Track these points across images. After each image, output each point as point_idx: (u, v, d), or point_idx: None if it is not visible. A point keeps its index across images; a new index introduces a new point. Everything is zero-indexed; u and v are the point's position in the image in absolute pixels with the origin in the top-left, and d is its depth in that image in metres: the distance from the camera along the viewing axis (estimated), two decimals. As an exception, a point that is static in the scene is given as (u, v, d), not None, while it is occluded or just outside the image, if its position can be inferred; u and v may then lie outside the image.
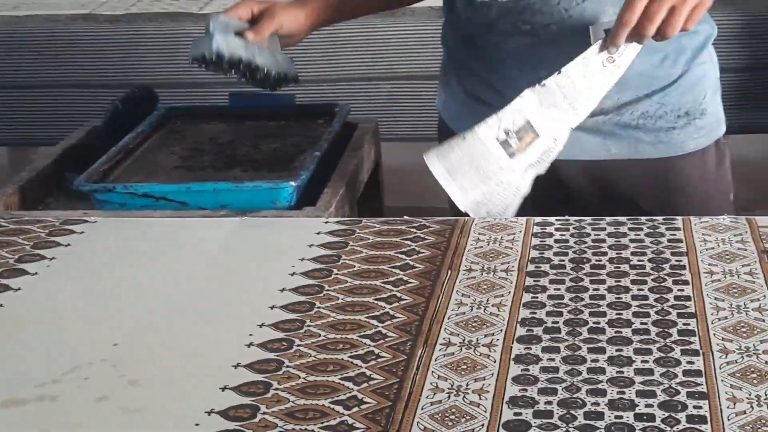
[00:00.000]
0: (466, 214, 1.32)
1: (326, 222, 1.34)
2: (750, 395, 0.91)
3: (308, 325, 1.07)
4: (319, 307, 1.10)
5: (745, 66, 2.41)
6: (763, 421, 0.87)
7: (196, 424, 0.91)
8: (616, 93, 1.39)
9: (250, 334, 1.05)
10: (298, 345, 1.03)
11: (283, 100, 1.83)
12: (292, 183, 1.46)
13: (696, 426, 0.87)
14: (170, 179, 1.57)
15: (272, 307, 1.11)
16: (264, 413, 0.92)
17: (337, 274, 1.18)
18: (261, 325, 1.07)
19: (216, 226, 1.35)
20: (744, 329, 1.01)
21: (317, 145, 1.61)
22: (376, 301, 1.11)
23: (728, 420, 0.88)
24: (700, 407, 0.90)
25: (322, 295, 1.13)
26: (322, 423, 0.90)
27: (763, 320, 1.03)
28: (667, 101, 1.44)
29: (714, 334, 1.01)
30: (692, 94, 1.45)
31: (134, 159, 1.66)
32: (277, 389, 0.96)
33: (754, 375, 0.94)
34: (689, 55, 1.45)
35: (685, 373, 0.95)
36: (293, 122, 1.80)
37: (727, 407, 0.89)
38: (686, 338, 1.00)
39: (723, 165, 1.50)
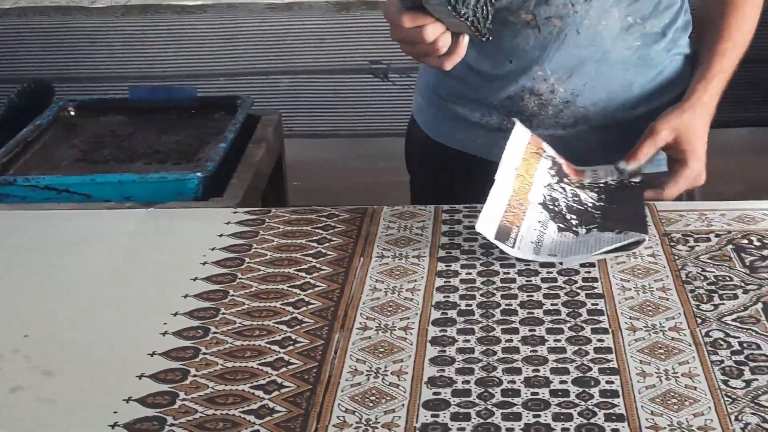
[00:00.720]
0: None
1: (235, 212, 1.33)
2: (659, 369, 0.94)
3: (223, 313, 1.07)
4: (233, 295, 1.10)
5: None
6: (672, 394, 0.90)
7: (114, 412, 0.90)
8: (602, 103, 1.38)
9: (165, 323, 1.05)
10: (214, 332, 1.03)
11: (184, 93, 1.82)
12: (199, 174, 1.45)
13: (609, 400, 0.90)
14: (72, 172, 1.55)
15: (185, 296, 1.10)
16: (183, 400, 0.92)
17: (249, 262, 1.18)
18: (175, 314, 1.06)
19: (122, 218, 1.33)
20: (650, 308, 1.05)
21: (222, 137, 1.60)
22: (290, 288, 1.11)
23: (639, 393, 0.91)
24: (612, 382, 0.92)
25: (235, 283, 1.13)
26: (243, 407, 0.90)
27: (668, 299, 1.06)
28: (654, 117, 1.36)
29: (621, 313, 1.04)
30: None
31: (33, 152, 1.63)
32: (195, 376, 0.95)
33: (662, 350, 0.97)
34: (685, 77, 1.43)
35: (596, 350, 0.98)
36: (194, 115, 1.79)
37: (638, 381, 0.92)
38: (595, 317, 1.03)
39: None
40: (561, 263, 1.14)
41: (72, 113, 1.79)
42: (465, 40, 1.19)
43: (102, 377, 0.96)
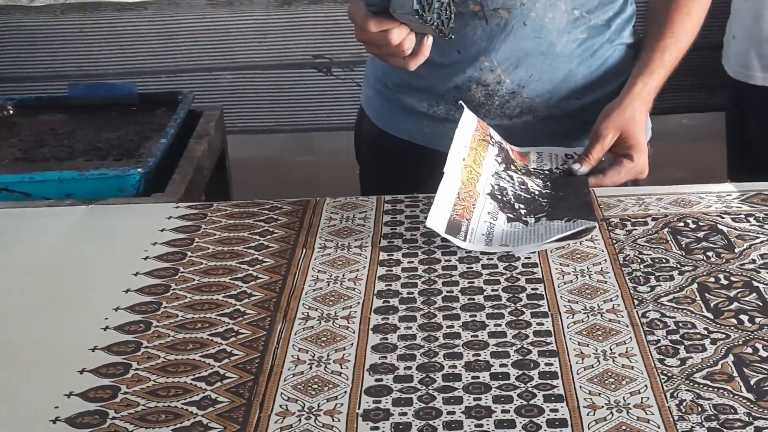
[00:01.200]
0: None
1: (176, 207, 1.33)
2: (597, 351, 0.96)
3: (165, 307, 1.06)
4: (175, 289, 1.10)
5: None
6: (610, 374, 0.92)
7: (56, 407, 0.89)
8: (547, 93, 1.40)
9: (106, 318, 1.04)
10: (156, 326, 1.03)
11: (124, 90, 1.81)
12: (140, 170, 1.44)
13: (548, 381, 0.91)
14: (11, 171, 1.53)
15: (127, 291, 1.10)
16: (125, 393, 0.92)
17: (191, 256, 1.18)
18: (116, 309, 1.06)
19: (63, 215, 1.32)
20: (588, 291, 1.06)
21: (163, 132, 1.59)
22: (232, 281, 1.11)
23: (578, 374, 0.92)
24: (552, 364, 0.94)
25: (177, 277, 1.13)
26: (185, 399, 0.90)
27: (606, 282, 1.08)
28: (597, 109, 1.38)
29: (561, 297, 1.05)
30: None
31: (-29, 151, 1.61)
32: (137, 369, 0.95)
33: (600, 332, 0.99)
34: (626, 72, 1.44)
35: (536, 333, 0.99)
36: (135, 112, 1.78)
37: (576, 362, 0.94)
38: (535, 302, 1.05)
39: None
40: (510, 252, 1.15)
41: (11, 112, 1.77)
42: (429, 41, 1.21)
43: (43, 373, 0.95)
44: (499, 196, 1.25)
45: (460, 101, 1.33)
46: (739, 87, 1.97)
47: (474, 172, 1.25)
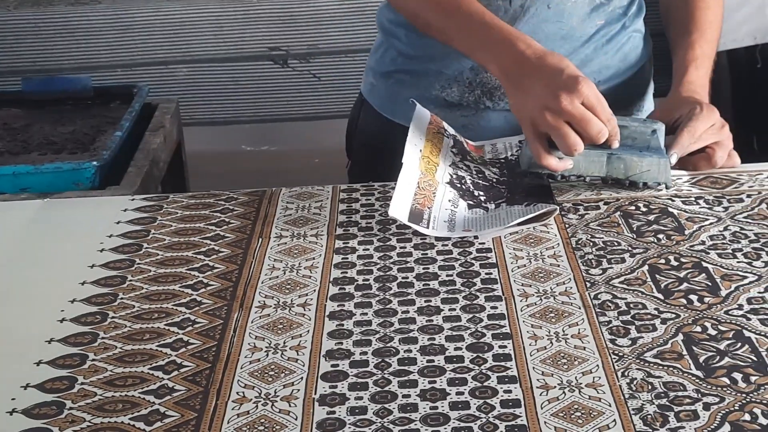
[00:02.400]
0: None
1: (132, 199, 1.33)
2: (549, 333, 0.97)
3: (121, 298, 1.07)
4: (131, 280, 1.10)
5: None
6: (562, 354, 0.93)
7: (12, 399, 0.89)
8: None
9: (62, 310, 1.04)
10: (113, 317, 1.03)
11: (79, 84, 1.80)
12: (95, 163, 1.44)
13: (502, 363, 0.92)
14: (-35, 166, 1.53)
15: (83, 283, 1.10)
16: (82, 384, 0.92)
17: (147, 248, 1.18)
18: (72, 301, 1.06)
19: (17, 209, 1.32)
20: (541, 274, 1.08)
21: (118, 125, 1.59)
22: (189, 271, 1.12)
23: (531, 356, 0.93)
24: (505, 346, 0.95)
25: (133, 268, 1.13)
26: (143, 388, 0.91)
27: (558, 265, 1.10)
28: (611, 94, 1.36)
29: (514, 281, 1.07)
30: (635, 90, 1.48)
31: (-76, 147, 1.60)
32: (94, 360, 0.95)
33: (552, 315, 1.00)
34: (639, 54, 1.47)
35: (490, 317, 1.00)
36: (90, 105, 1.78)
37: (530, 344, 0.95)
38: (489, 286, 1.06)
39: None
40: (476, 237, 1.16)
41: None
42: None
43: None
44: (458, 185, 1.26)
45: (412, 99, 1.34)
46: None
47: (432, 163, 1.26)
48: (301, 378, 0.92)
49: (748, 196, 1.24)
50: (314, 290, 1.07)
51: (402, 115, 1.46)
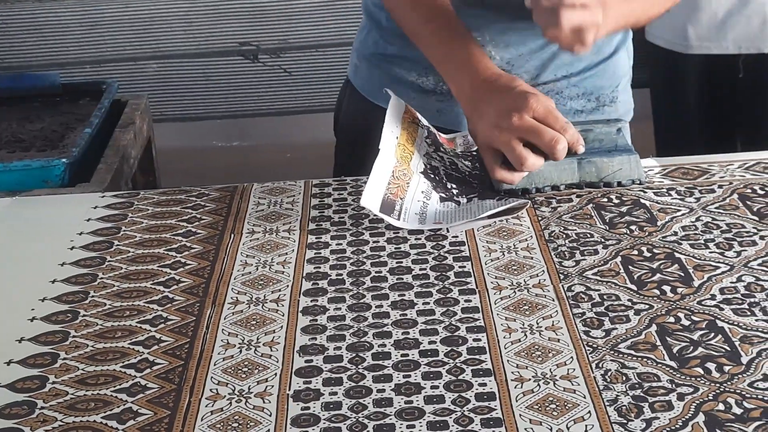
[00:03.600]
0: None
1: (102, 196, 1.32)
2: (523, 325, 0.97)
3: (92, 296, 1.06)
4: (102, 278, 1.09)
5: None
6: (536, 347, 0.93)
7: (-17, 399, 0.88)
8: (535, 70, 1.40)
9: (32, 309, 1.03)
10: (84, 315, 1.02)
11: (47, 80, 1.79)
12: (64, 160, 1.43)
13: (476, 356, 0.92)
14: (-69, 164, 1.51)
15: (53, 282, 1.09)
16: (53, 383, 0.91)
17: (118, 245, 1.17)
18: (43, 300, 1.05)
19: (-14, 208, 1.30)
20: (515, 267, 1.08)
21: (87, 122, 1.58)
22: (160, 268, 1.11)
23: (505, 348, 0.93)
24: (479, 339, 0.95)
25: (104, 266, 1.12)
26: (115, 386, 0.90)
27: (532, 258, 1.10)
28: (582, 84, 1.43)
29: (488, 274, 1.07)
30: (608, 81, 1.46)
31: None
32: (65, 359, 0.94)
33: (526, 307, 1.00)
34: (613, 45, 1.46)
35: (464, 310, 1.00)
36: (59, 102, 1.76)
37: (504, 337, 0.95)
38: (463, 279, 1.06)
39: None
40: (447, 230, 1.16)
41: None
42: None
43: (-32, 366, 0.94)
44: (432, 175, 1.26)
45: (386, 89, 1.33)
46: (673, 58, 2.00)
47: (407, 151, 1.25)
48: (275, 374, 0.91)
49: (720, 186, 1.24)
50: (287, 286, 1.06)
51: (383, 98, 1.47)
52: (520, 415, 0.84)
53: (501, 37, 1.39)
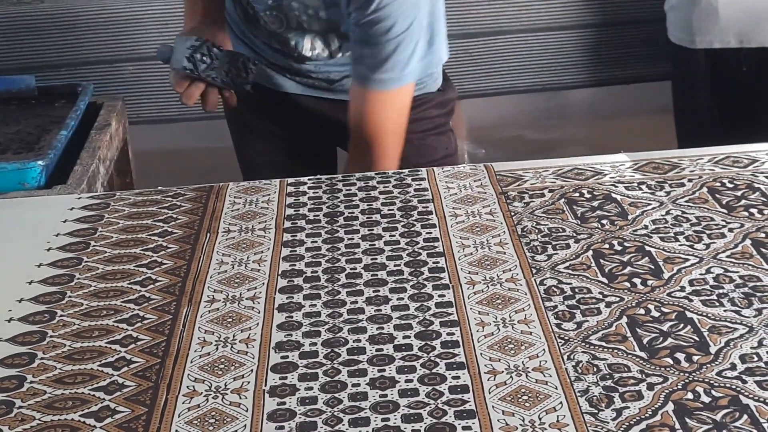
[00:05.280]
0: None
1: (79, 198, 1.32)
2: (496, 319, 0.98)
3: (69, 296, 1.06)
4: (79, 278, 1.10)
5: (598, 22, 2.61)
6: (509, 340, 0.95)
7: (-39, 400, 0.89)
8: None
9: (9, 310, 1.04)
10: (61, 315, 1.03)
11: (23, 83, 1.79)
12: (41, 162, 1.43)
13: (450, 350, 0.93)
14: None
15: (30, 282, 1.09)
16: (31, 382, 0.91)
17: (95, 246, 1.17)
18: (20, 300, 1.06)
19: (-38, 211, 1.30)
20: (488, 262, 1.09)
21: (63, 124, 1.58)
22: (137, 268, 1.12)
23: (478, 342, 0.95)
24: (453, 333, 0.96)
25: (81, 266, 1.13)
26: (92, 385, 0.91)
27: (504, 253, 1.11)
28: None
29: (461, 269, 1.08)
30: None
31: None
32: (42, 358, 0.95)
33: (499, 301, 1.01)
34: None
35: (438, 305, 1.01)
36: (34, 105, 1.76)
37: (477, 331, 0.96)
38: (437, 274, 1.07)
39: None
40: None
41: None
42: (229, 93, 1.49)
43: (-54, 367, 0.94)
44: None
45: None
46: (683, 53, 2.02)
47: None
48: (251, 370, 0.92)
49: (690, 180, 1.26)
50: (263, 283, 1.07)
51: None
52: (493, 406, 0.85)
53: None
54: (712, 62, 2.04)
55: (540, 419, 0.84)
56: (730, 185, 1.24)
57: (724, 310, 0.98)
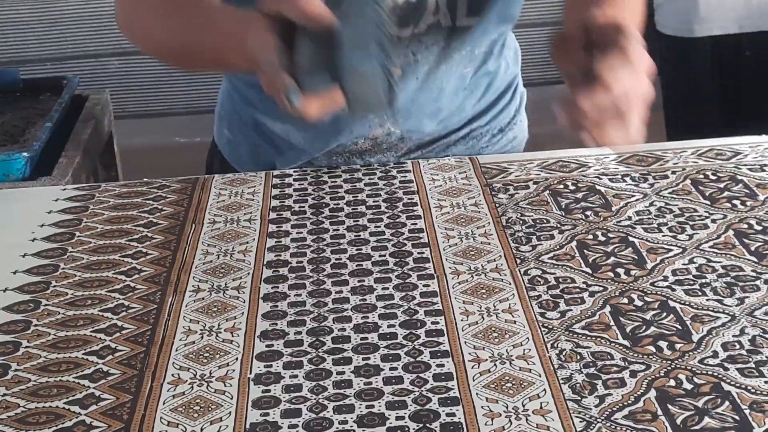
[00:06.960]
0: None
1: (64, 189, 1.32)
2: (481, 308, 0.99)
3: (54, 286, 1.06)
4: (64, 268, 1.10)
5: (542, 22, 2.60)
6: (493, 329, 0.95)
7: (-55, 388, 0.89)
8: (435, 126, 1.36)
9: (-6, 299, 1.04)
10: (46, 305, 1.03)
11: (7, 76, 1.79)
12: (25, 154, 1.43)
13: (434, 339, 0.94)
14: None
15: (15, 272, 1.09)
16: (15, 370, 0.92)
17: (80, 236, 1.17)
18: (5, 290, 1.06)
19: (-53, 202, 1.30)
20: (473, 252, 1.10)
21: (48, 116, 1.58)
22: (122, 258, 1.12)
23: (462, 331, 0.95)
24: (438, 322, 0.97)
25: (66, 257, 1.13)
26: (77, 373, 0.91)
27: (489, 243, 1.11)
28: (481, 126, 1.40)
29: (446, 259, 1.08)
30: (507, 113, 1.43)
31: None
32: (27, 347, 0.95)
33: (484, 291, 1.02)
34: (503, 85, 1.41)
35: (422, 294, 1.02)
36: (19, 97, 1.76)
37: (461, 320, 0.97)
38: (421, 265, 1.07)
39: None
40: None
41: None
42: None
43: (-70, 356, 0.94)
44: None
45: None
46: (680, 44, 2.02)
47: None
48: (236, 358, 0.92)
49: (673, 172, 1.27)
50: (248, 273, 1.07)
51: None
52: (477, 393, 0.86)
53: (399, 110, 1.31)
54: (711, 50, 2.05)
55: (523, 406, 0.84)
56: (713, 177, 1.25)
57: (707, 300, 0.99)
